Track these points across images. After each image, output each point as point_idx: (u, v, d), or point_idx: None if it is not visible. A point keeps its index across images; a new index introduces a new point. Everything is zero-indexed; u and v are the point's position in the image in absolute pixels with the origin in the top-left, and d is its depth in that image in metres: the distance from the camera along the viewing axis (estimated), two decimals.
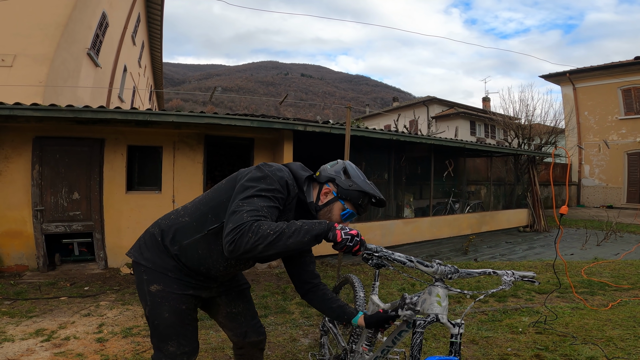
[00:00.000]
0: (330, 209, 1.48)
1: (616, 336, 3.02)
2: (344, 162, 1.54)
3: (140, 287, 1.50)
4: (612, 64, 15.95)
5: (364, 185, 1.47)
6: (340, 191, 1.47)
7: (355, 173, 1.50)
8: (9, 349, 2.68)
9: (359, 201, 1.46)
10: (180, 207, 1.60)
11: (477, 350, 2.81)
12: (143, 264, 1.49)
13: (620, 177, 15.80)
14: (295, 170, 1.52)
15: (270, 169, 1.40)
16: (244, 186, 1.35)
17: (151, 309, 1.48)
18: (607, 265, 5.66)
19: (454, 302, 3.95)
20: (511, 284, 1.46)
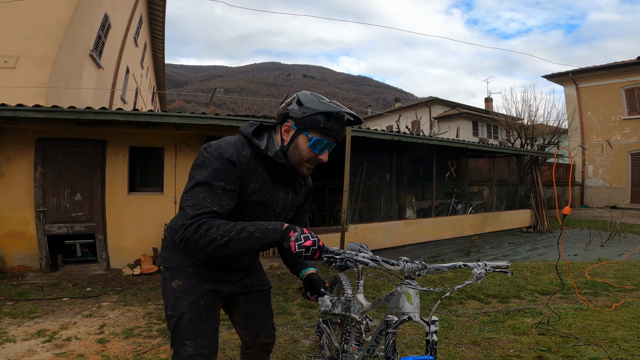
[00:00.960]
0: (296, 145, 1.34)
1: (620, 337, 2.99)
2: (296, 94, 1.38)
3: (164, 287, 1.47)
4: (615, 63, 15.87)
5: (320, 106, 1.30)
6: (298, 122, 1.32)
7: (309, 98, 1.34)
8: (11, 350, 2.69)
9: (321, 124, 1.30)
10: None
11: (479, 352, 2.79)
12: (164, 264, 1.48)
13: (623, 178, 15.72)
14: (244, 131, 1.37)
15: (209, 149, 1.28)
16: (189, 177, 1.29)
17: (172, 306, 1.42)
18: (611, 266, 5.62)
19: (450, 300, 3.93)
20: (483, 276, 1.45)
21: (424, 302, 3.96)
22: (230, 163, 1.26)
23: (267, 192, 1.39)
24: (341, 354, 2.05)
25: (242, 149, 1.31)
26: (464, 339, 3.03)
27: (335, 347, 2.15)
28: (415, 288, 1.41)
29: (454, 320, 3.44)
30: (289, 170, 1.38)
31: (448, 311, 3.70)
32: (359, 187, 7.20)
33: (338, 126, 1.33)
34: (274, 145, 1.38)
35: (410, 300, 1.42)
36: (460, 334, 3.13)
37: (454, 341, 2.98)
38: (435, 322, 1.39)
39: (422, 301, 3.90)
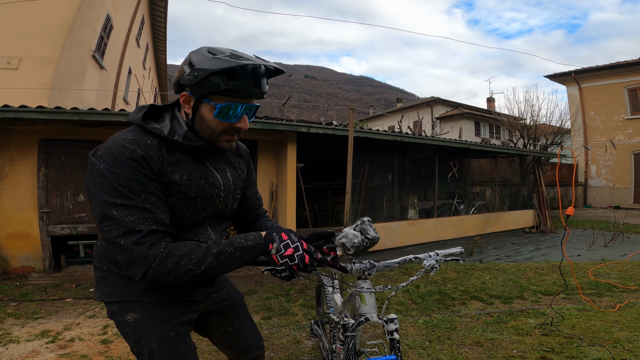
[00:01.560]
0: (200, 118, 1.06)
1: (624, 338, 2.97)
2: (189, 53, 1.07)
3: (117, 321, 1.19)
4: (618, 63, 15.82)
5: (215, 63, 0.99)
6: (193, 89, 1.03)
7: (201, 57, 1.02)
8: (15, 350, 2.70)
9: (222, 87, 1.00)
10: None
11: (482, 353, 2.79)
12: (106, 300, 1.18)
13: (627, 178, 15.65)
14: (133, 119, 1.07)
15: (101, 156, 0.98)
16: (90, 198, 1.00)
17: (137, 342, 1.17)
18: (615, 266, 5.59)
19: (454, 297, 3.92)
20: (435, 267, 1.41)
21: (426, 302, 3.95)
22: (135, 163, 0.98)
23: (200, 180, 1.12)
24: (330, 354, 2.08)
25: (143, 139, 1.02)
26: (466, 339, 3.02)
27: (327, 348, 2.18)
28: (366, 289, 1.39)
29: (457, 321, 3.43)
30: (207, 149, 1.12)
31: (451, 312, 3.69)
32: (361, 188, 7.20)
33: (247, 82, 1.02)
34: (181, 125, 1.11)
35: (365, 301, 1.42)
36: (462, 334, 3.12)
37: (457, 342, 2.97)
38: (394, 320, 1.37)
39: (424, 301, 3.89)
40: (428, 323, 3.35)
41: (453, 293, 4.27)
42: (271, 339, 3.01)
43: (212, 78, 0.99)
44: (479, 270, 5.38)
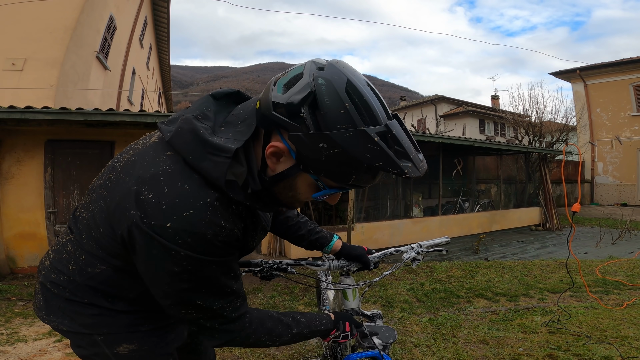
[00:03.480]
0: (290, 185, 0.77)
1: (631, 335, 2.95)
2: (314, 78, 0.69)
3: (100, 353, 0.93)
4: (623, 60, 15.67)
5: (362, 144, 0.66)
6: (302, 158, 0.71)
7: (337, 115, 0.67)
8: (22, 349, 2.73)
9: (350, 180, 0.71)
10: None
11: (487, 350, 2.77)
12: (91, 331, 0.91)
13: (634, 174, 15.52)
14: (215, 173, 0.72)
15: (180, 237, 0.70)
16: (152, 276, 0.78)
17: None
18: (622, 263, 5.54)
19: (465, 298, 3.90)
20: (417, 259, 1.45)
21: (431, 300, 3.94)
22: (230, 246, 0.78)
23: (260, 232, 0.94)
24: (329, 350, 2.10)
25: (227, 211, 0.76)
26: (472, 337, 3.01)
27: (324, 345, 2.20)
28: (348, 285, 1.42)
29: (462, 319, 3.41)
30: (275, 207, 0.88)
31: (456, 310, 3.68)
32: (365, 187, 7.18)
33: (375, 178, 0.75)
34: (254, 180, 0.77)
35: (347, 297, 1.45)
36: (468, 332, 3.10)
37: (462, 340, 2.96)
38: (379, 314, 1.41)
39: (429, 299, 3.88)
40: (433, 321, 3.34)
41: (458, 291, 4.25)
42: None
43: (349, 165, 0.68)
44: (485, 268, 5.36)
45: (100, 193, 0.83)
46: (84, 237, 0.87)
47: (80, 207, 0.93)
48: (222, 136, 0.75)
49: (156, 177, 0.73)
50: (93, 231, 0.84)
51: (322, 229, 1.41)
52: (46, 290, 0.93)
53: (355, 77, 0.71)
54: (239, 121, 0.78)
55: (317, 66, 0.71)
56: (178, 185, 0.72)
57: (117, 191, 0.77)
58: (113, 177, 0.81)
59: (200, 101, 0.83)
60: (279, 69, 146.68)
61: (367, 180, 0.73)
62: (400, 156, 0.70)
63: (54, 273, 0.91)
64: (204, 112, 0.79)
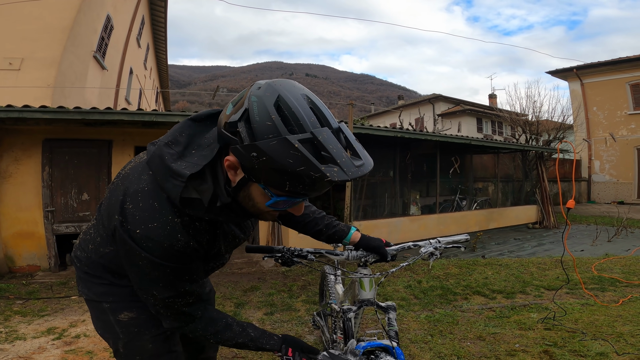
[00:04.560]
0: (248, 195, 0.86)
1: (627, 332, 2.97)
2: (249, 96, 0.78)
3: (104, 320, 1.14)
4: (620, 59, 15.75)
5: (285, 153, 0.72)
6: (244, 168, 0.80)
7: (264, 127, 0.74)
8: (21, 347, 2.74)
9: (286, 187, 0.77)
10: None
11: (484, 347, 2.80)
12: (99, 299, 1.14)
13: (630, 173, 15.60)
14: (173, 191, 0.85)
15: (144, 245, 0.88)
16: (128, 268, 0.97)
17: (127, 343, 1.14)
18: (618, 261, 5.58)
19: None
20: (434, 254, 1.52)
21: (428, 297, 3.97)
22: (185, 256, 0.92)
23: (230, 240, 1.08)
24: (332, 344, 2.13)
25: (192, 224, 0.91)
26: (469, 334, 3.03)
27: (327, 338, 2.23)
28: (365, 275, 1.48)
29: (459, 315, 3.44)
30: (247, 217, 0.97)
31: (453, 307, 3.70)
32: (363, 184, 7.20)
33: (322, 187, 0.80)
34: (222, 192, 0.86)
35: (364, 287, 1.49)
36: (465, 329, 3.13)
37: (459, 336, 2.98)
38: (393, 306, 1.46)
39: (426, 296, 3.91)
40: (430, 318, 3.36)
41: (455, 288, 4.28)
42: None
43: (277, 174, 0.75)
44: (482, 265, 5.39)
45: (108, 191, 1.04)
46: (101, 222, 1.06)
47: (104, 198, 1.11)
48: (188, 160, 0.87)
49: (136, 193, 0.91)
50: (104, 220, 1.02)
51: (339, 222, 1.49)
52: (74, 264, 1.20)
53: (290, 92, 0.78)
54: (207, 145, 0.89)
55: (257, 86, 0.80)
56: (150, 202, 0.89)
57: (113, 195, 0.96)
58: (115, 182, 1.01)
59: (176, 126, 0.94)
60: (277, 68, 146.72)
61: (304, 187, 0.77)
62: (326, 161, 0.74)
63: (79, 250, 1.17)
64: (175, 138, 0.91)
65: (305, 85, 0.84)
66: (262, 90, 0.78)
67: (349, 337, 1.50)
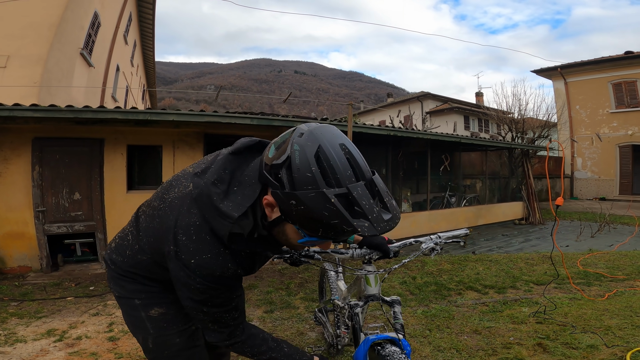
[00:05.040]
0: (282, 231, 0.94)
1: (614, 325, 3.09)
2: (294, 141, 0.84)
3: (135, 316, 1.23)
4: (603, 58, 16.15)
5: (320, 204, 0.79)
6: (282, 210, 0.87)
7: (305, 178, 0.80)
8: (23, 350, 2.71)
9: (319, 232, 0.84)
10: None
11: (480, 340, 2.89)
12: (131, 296, 1.23)
13: (612, 170, 16.05)
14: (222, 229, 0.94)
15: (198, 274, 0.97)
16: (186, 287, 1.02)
17: (157, 338, 1.22)
18: (602, 256, 5.77)
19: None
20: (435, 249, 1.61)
21: (423, 293, 4.06)
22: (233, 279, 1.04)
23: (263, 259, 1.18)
24: (335, 339, 2.19)
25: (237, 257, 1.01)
26: (465, 328, 3.12)
27: (331, 333, 2.29)
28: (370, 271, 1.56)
29: (454, 310, 3.53)
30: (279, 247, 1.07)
31: (447, 302, 3.80)
32: None
33: (347, 235, 0.85)
34: (259, 226, 0.97)
35: (370, 283, 1.57)
36: (461, 323, 3.22)
37: (456, 330, 3.08)
38: (397, 300, 1.55)
39: (421, 292, 3.99)
40: (427, 313, 3.45)
41: (449, 284, 4.38)
42: (275, 332, 3.08)
43: (313, 221, 0.82)
44: (473, 261, 5.52)
45: (153, 214, 1.12)
46: (141, 235, 1.16)
47: (142, 209, 1.21)
48: (232, 200, 0.95)
49: (188, 226, 0.98)
50: (147, 236, 1.13)
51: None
52: (107, 265, 1.28)
53: (329, 142, 0.84)
54: (248, 184, 0.96)
55: (299, 132, 0.86)
56: (202, 235, 0.97)
57: (164, 223, 1.04)
58: (162, 208, 1.07)
59: (220, 163, 1.00)
60: (265, 65, 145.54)
61: (335, 235, 0.84)
62: (358, 216, 0.81)
63: (115, 254, 1.25)
64: (220, 176, 0.97)
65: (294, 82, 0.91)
66: (304, 139, 0.84)
67: (359, 331, 1.56)
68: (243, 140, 1.05)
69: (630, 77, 15.23)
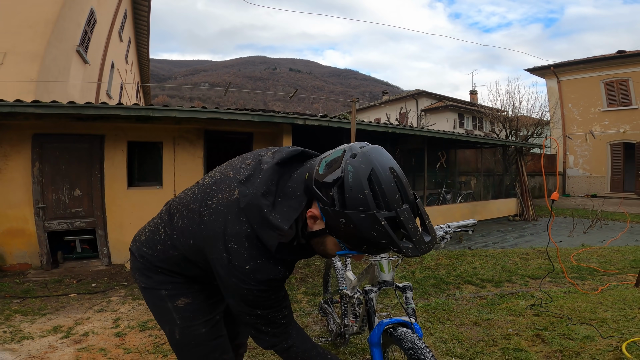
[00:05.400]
0: (322, 242, 1.00)
1: (608, 317, 3.18)
2: (347, 162, 0.90)
3: (162, 307, 1.26)
4: (595, 57, 16.38)
5: (371, 224, 0.85)
6: (328, 225, 0.93)
7: (356, 199, 0.86)
8: (31, 347, 2.72)
9: (362, 249, 0.92)
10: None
11: (480, 332, 2.97)
12: (158, 287, 1.26)
13: (603, 167, 16.31)
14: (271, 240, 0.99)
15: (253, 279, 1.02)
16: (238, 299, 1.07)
17: (184, 328, 1.25)
18: (595, 251, 5.91)
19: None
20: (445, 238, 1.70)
21: (422, 287, 4.14)
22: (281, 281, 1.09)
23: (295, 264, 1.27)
24: (343, 328, 2.26)
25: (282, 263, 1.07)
26: (465, 320, 3.21)
27: (338, 323, 2.36)
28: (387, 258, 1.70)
29: (454, 303, 3.62)
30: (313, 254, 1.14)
31: (447, 295, 3.89)
32: None
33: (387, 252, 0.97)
34: (298, 231, 1.03)
35: (384, 269, 1.68)
36: (461, 315, 3.30)
37: (456, 322, 3.16)
38: (409, 286, 1.68)
39: (420, 286, 4.07)
40: (427, 306, 3.53)
41: (447, 278, 4.47)
42: None
43: (358, 238, 0.89)
44: (469, 256, 5.62)
45: (193, 217, 1.12)
46: (175, 233, 1.17)
47: (177, 208, 1.21)
48: (279, 210, 0.99)
49: (239, 235, 1.01)
50: (185, 237, 1.14)
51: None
52: (134, 258, 1.30)
53: (381, 165, 0.89)
54: (293, 195, 1.01)
55: (352, 153, 0.91)
56: (254, 242, 1.01)
57: (210, 230, 1.05)
58: (206, 214, 1.08)
59: (267, 174, 1.03)
60: (260, 62, 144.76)
61: (377, 251, 0.92)
62: (403, 238, 0.90)
63: (145, 247, 1.26)
64: (269, 188, 1.01)
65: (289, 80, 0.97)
66: (358, 160, 0.89)
67: (373, 316, 1.64)
68: (287, 149, 1.09)
69: (622, 76, 15.47)
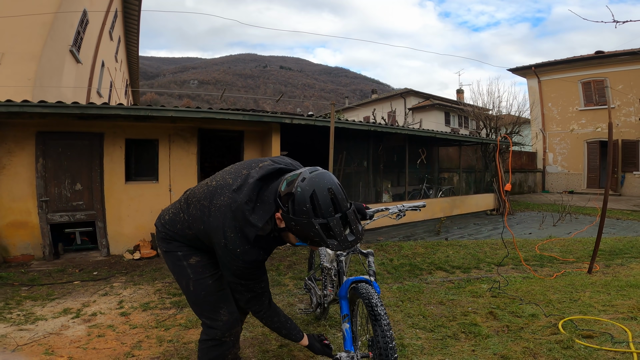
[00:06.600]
0: (286, 235, 1.49)
1: (555, 299, 3.58)
2: (298, 184, 1.34)
3: (179, 265, 1.70)
4: (574, 58, 16.96)
5: (308, 228, 1.31)
6: (286, 225, 1.40)
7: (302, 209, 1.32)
8: (46, 326, 3.04)
9: (307, 241, 1.41)
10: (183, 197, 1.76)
11: (444, 309, 3.39)
12: (175, 250, 1.73)
13: (580, 164, 16.97)
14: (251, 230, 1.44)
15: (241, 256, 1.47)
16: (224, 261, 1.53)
17: (196, 281, 1.69)
18: (559, 242, 6.40)
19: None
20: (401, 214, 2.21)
21: (398, 272, 4.58)
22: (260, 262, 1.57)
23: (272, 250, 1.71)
24: (323, 299, 2.69)
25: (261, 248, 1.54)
26: (432, 300, 3.64)
27: (319, 294, 2.79)
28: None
29: (424, 286, 4.05)
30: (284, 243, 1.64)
31: (419, 279, 4.33)
32: (339, 174, 7.77)
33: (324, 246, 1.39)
34: (273, 227, 1.50)
35: None
36: (429, 296, 3.74)
37: (424, 302, 3.59)
38: (372, 253, 2.11)
39: (397, 272, 4.50)
40: (400, 288, 3.97)
41: (421, 265, 4.92)
42: None
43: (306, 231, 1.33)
44: (444, 246, 6.09)
45: (204, 211, 1.56)
46: (190, 219, 1.64)
47: (193, 200, 1.65)
48: (257, 212, 1.44)
49: (233, 228, 1.46)
50: (197, 224, 1.60)
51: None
52: (159, 231, 1.79)
53: (321, 187, 1.32)
54: (268, 202, 1.45)
55: (302, 177, 1.35)
56: (242, 234, 1.46)
57: (214, 222, 1.51)
58: (213, 211, 1.52)
59: (251, 186, 1.46)
60: (250, 60, 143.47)
61: (317, 244, 1.37)
62: (330, 237, 1.34)
63: (168, 225, 1.74)
64: (250, 197, 1.45)
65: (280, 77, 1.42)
66: (305, 183, 1.33)
67: (342, 274, 2.12)
68: (267, 167, 1.53)
69: (599, 76, 16.07)
